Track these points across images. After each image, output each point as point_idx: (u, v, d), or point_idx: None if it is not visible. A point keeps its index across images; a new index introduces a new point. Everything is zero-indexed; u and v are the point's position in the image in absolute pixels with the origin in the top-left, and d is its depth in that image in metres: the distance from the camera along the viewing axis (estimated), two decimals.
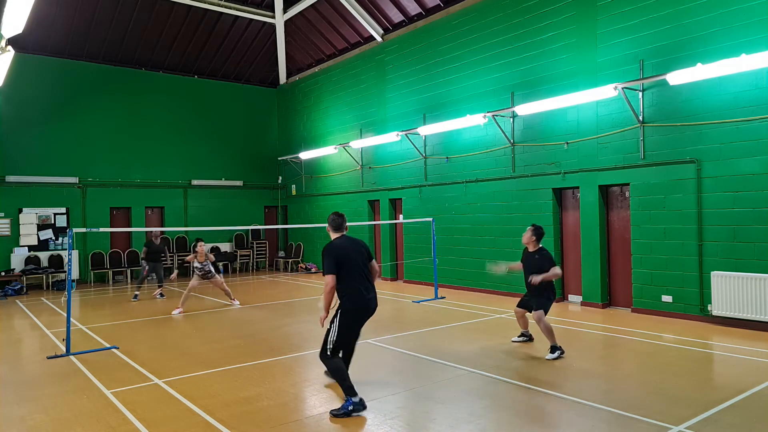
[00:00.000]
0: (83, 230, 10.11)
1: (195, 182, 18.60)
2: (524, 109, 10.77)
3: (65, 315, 7.84)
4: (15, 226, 15.54)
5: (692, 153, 8.91)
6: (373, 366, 6.77)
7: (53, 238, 16.09)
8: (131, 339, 8.67)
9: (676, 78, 8.57)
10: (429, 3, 14.03)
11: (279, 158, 19.97)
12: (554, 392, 5.58)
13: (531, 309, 7.19)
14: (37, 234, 15.86)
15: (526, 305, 7.35)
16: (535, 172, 11.36)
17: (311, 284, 15.22)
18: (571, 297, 11.09)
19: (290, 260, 19.24)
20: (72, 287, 10.30)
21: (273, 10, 17.84)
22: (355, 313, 5.32)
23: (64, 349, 7.69)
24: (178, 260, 17.49)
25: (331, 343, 5.26)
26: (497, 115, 11.67)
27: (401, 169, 14.82)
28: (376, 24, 15.66)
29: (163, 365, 7.02)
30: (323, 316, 5.42)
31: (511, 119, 11.76)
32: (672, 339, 7.76)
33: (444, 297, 12.01)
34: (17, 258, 15.47)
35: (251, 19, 17.74)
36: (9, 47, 8.86)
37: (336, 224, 5.60)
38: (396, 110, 14.92)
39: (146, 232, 16.11)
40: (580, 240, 10.70)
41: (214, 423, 4.96)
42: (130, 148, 17.48)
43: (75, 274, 16.10)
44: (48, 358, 7.47)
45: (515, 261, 11.46)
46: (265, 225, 19.90)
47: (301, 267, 18.67)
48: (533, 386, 5.81)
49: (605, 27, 10.08)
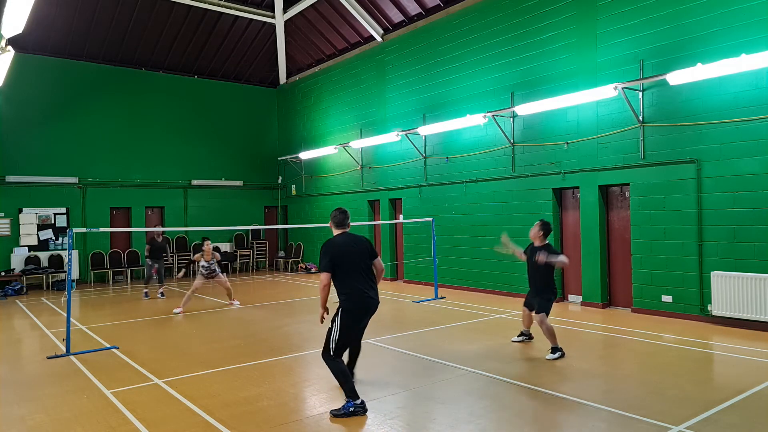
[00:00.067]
0: (83, 230, 10.11)
1: (195, 182, 18.60)
2: (524, 109, 10.78)
3: (65, 315, 7.85)
4: (15, 226, 15.55)
5: (692, 153, 8.92)
6: (373, 366, 6.76)
7: (53, 238, 16.09)
8: (131, 339, 8.67)
9: (676, 78, 8.57)
10: (429, 3, 14.03)
11: (279, 158, 19.97)
12: (554, 392, 5.58)
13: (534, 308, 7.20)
14: (37, 234, 15.86)
15: (530, 304, 7.37)
16: (535, 172, 11.36)
17: (311, 284, 15.21)
18: (571, 297, 11.09)
19: (290, 260, 19.24)
20: (72, 287, 10.30)
21: (273, 10, 17.84)
22: (355, 313, 5.28)
23: (64, 349, 7.69)
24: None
25: (333, 343, 5.23)
26: (497, 115, 11.67)
27: (401, 169, 14.82)
28: (376, 24, 15.66)
29: (163, 365, 7.02)
30: (322, 314, 5.43)
31: (511, 119, 11.76)
32: (672, 339, 7.76)
33: (444, 297, 12.01)
34: (17, 258, 15.48)
35: (251, 19, 17.74)
36: (9, 47, 8.86)
37: (338, 220, 5.49)
38: (396, 110, 14.92)
39: (147, 231, 16.19)
40: (580, 240, 10.70)
41: (214, 423, 4.96)
42: (130, 148, 17.48)
43: (75, 274, 16.10)
44: (48, 358, 7.47)
45: (515, 260, 11.61)
46: (265, 225, 19.90)
47: (301, 267, 18.67)
48: (533, 386, 5.81)
49: (605, 27, 10.08)
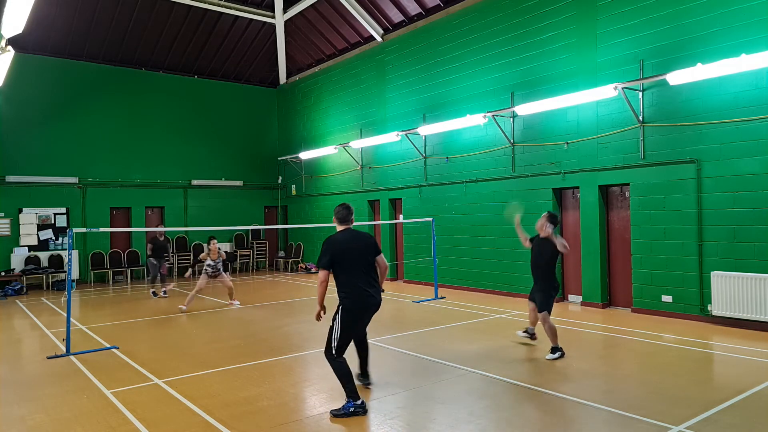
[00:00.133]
0: (83, 230, 10.10)
1: (195, 182, 18.60)
2: (524, 109, 10.77)
3: (65, 315, 7.84)
4: (15, 226, 15.54)
5: (692, 153, 8.92)
6: (373, 366, 6.73)
7: (53, 238, 16.09)
8: (131, 339, 8.67)
9: (676, 78, 8.57)
10: (429, 3, 14.03)
11: (279, 158, 19.97)
12: (554, 392, 5.58)
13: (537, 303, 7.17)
14: (37, 234, 15.86)
15: (534, 298, 7.33)
16: (535, 172, 11.36)
17: (311, 284, 15.21)
18: (571, 297, 11.09)
19: (290, 260, 19.24)
20: (72, 287, 10.29)
21: (273, 10, 17.84)
22: (355, 312, 5.27)
23: (64, 349, 7.69)
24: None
25: (335, 341, 5.22)
26: (497, 115, 11.67)
27: (401, 169, 14.82)
28: (376, 24, 15.66)
29: (163, 365, 7.02)
30: (318, 311, 5.40)
31: (511, 119, 11.76)
32: (672, 339, 7.76)
33: (444, 297, 12.01)
34: (17, 258, 15.48)
35: (251, 19, 17.74)
36: (9, 47, 8.86)
37: (341, 216, 5.44)
38: (396, 110, 14.91)
39: (147, 231, 16.21)
40: (580, 240, 10.69)
41: (214, 423, 4.96)
42: (130, 148, 17.48)
43: (75, 274, 16.10)
44: (48, 358, 7.47)
45: (515, 260, 11.64)
46: (265, 225, 19.90)
47: (301, 267, 18.66)
48: (533, 386, 5.81)
49: (605, 27, 10.08)
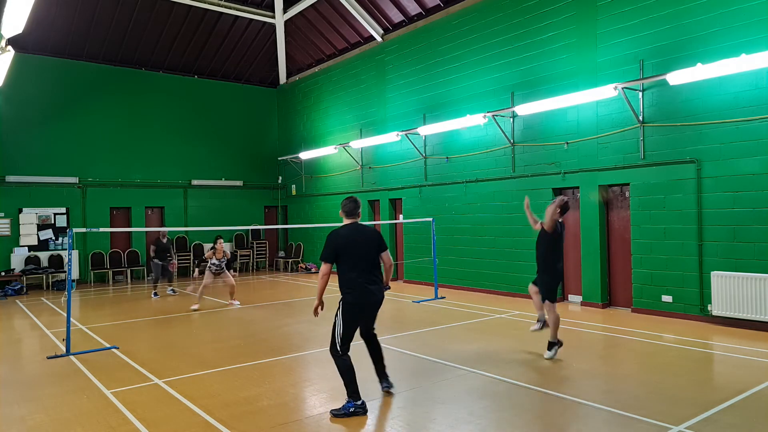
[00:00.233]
0: (83, 230, 10.10)
1: (195, 182, 18.60)
2: (524, 109, 10.77)
3: (65, 315, 7.84)
4: (15, 226, 15.54)
5: (692, 153, 8.91)
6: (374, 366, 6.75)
7: (53, 238, 16.08)
8: (131, 339, 8.67)
9: (676, 78, 8.57)
10: (429, 3, 14.02)
11: (279, 158, 19.97)
12: (554, 392, 5.58)
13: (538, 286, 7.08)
14: (37, 234, 15.85)
15: (536, 282, 7.25)
16: (535, 172, 11.35)
17: (311, 284, 15.21)
18: (571, 297, 11.09)
19: (290, 260, 19.24)
20: (72, 287, 10.29)
21: (273, 10, 17.84)
22: (356, 307, 5.21)
23: (64, 349, 7.69)
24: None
25: (338, 337, 5.18)
26: (497, 115, 11.67)
27: (401, 169, 14.82)
28: (376, 24, 15.66)
29: (163, 365, 7.02)
30: (316, 305, 5.36)
31: (511, 119, 11.76)
32: (672, 339, 7.76)
33: (444, 297, 12.01)
34: (17, 258, 15.47)
35: (251, 19, 17.74)
36: (9, 47, 8.86)
37: (348, 209, 5.37)
38: (396, 110, 14.91)
39: (147, 232, 16.22)
40: (580, 240, 10.69)
41: (214, 423, 4.96)
42: (130, 148, 17.48)
43: (75, 274, 16.10)
44: (48, 358, 7.47)
45: (515, 260, 11.65)
46: (265, 225, 19.90)
47: (301, 267, 18.66)
48: (533, 386, 5.81)
49: (605, 27, 10.08)
